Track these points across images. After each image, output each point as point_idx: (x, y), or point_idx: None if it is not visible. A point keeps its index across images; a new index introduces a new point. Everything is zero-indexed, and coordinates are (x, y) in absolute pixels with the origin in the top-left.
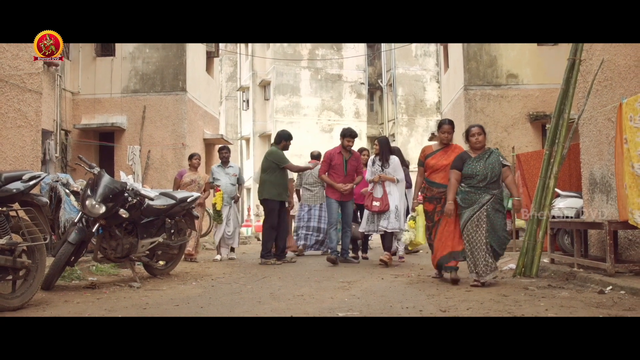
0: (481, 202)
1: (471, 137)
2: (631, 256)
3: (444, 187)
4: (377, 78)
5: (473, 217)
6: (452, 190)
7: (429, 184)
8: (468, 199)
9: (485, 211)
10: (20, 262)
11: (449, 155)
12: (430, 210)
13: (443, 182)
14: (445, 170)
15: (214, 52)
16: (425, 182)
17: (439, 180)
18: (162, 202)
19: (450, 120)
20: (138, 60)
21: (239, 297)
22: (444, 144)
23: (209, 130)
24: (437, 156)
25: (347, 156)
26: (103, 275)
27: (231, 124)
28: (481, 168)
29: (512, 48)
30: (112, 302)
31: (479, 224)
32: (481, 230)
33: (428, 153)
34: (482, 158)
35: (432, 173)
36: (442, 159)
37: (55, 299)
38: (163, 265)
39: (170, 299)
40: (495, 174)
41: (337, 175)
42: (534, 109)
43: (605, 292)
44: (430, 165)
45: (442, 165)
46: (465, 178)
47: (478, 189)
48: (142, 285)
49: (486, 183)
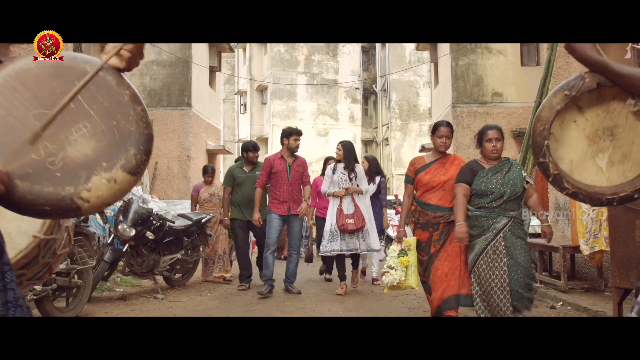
0: (496, 229)
1: (487, 143)
2: (585, 274)
3: (443, 210)
4: (371, 83)
5: (487, 250)
6: (461, 208)
7: (422, 207)
8: (478, 225)
9: (502, 240)
10: (74, 282)
11: (447, 168)
12: (424, 240)
13: (441, 203)
14: (444, 189)
15: (216, 66)
16: (417, 204)
17: (436, 201)
18: (181, 223)
19: (448, 122)
20: (146, 77)
21: (250, 310)
22: (441, 153)
23: (212, 142)
24: (432, 170)
25: (290, 161)
26: (128, 286)
27: (228, 126)
28: (498, 184)
29: (497, 68)
30: (145, 313)
31: (497, 259)
32: (500, 267)
33: (419, 166)
34: (499, 170)
35: (425, 192)
36: (438, 174)
37: (96, 310)
38: (180, 277)
39: (193, 310)
40: (515, 193)
41: (279, 184)
42: (517, 125)
43: (555, 308)
44: (423, 182)
45: (439, 182)
46: (475, 196)
47: (491, 210)
48: (164, 297)
49: (502, 202)
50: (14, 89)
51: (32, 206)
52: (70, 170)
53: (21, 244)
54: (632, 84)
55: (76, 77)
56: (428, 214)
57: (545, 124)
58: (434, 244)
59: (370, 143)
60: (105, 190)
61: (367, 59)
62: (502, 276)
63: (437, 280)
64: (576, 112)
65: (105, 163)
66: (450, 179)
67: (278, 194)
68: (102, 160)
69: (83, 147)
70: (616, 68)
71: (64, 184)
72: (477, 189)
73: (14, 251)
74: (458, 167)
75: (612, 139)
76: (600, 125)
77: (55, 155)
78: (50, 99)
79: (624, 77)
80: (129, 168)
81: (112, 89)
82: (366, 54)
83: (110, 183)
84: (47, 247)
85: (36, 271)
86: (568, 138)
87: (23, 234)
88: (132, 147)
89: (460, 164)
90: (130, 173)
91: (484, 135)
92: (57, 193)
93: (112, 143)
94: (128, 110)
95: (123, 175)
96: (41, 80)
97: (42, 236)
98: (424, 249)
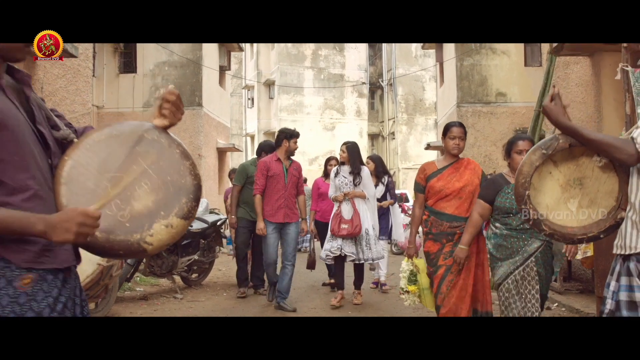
0: (527, 252)
1: (516, 155)
2: (580, 276)
3: (460, 220)
4: (378, 77)
5: (515, 275)
6: (470, 229)
7: (435, 216)
8: (507, 245)
9: (534, 265)
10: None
11: (461, 173)
12: (433, 252)
13: (458, 213)
14: (460, 197)
15: (226, 66)
16: (429, 213)
17: (452, 210)
18: (198, 225)
19: (461, 123)
20: (158, 77)
21: (265, 309)
22: (453, 157)
23: (222, 140)
24: (444, 176)
25: (287, 164)
26: (147, 285)
27: (236, 120)
28: None
29: (501, 68)
30: (167, 314)
31: (527, 287)
32: (531, 295)
33: (430, 172)
34: None
35: (439, 200)
36: (452, 180)
37: (121, 310)
38: (197, 277)
39: (211, 310)
40: None
41: (275, 189)
42: (520, 124)
43: (551, 309)
44: (436, 190)
45: (454, 189)
46: (501, 214)
47: (521, 232)
48: (183, 297)
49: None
50: (90, 159)
51: (110, 251)
52: (136, 221)
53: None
54: (597, 148)
55: (134, 142)
56: (443, 224)
57: (526, 177)
58: (444, 256)
59: (377, 137)
60: (165, 234)
61: (374, 53)
62: (534, 305)
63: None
64: (552, 166)
65: (163, 212)
66: (466, 185)
67: (273, 199)
68: (161, 209)
69: (145, 201)
70: (585, 133)
71: (132, 232)
72: (502, 207)
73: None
74: (473, 172)
75: (581, 188)
76: (571, 177)
77: (124, 209)
78: (118, 164)
79: (591, 142)
80: (182, 214)
81: (165, 148)
82: (372, 48)
83: (168, 228)
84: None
85: (97, 291)
86: (545, 187)
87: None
88: (184, 197)
89: (476, 168)
90: (183, 218)
91: (513, 146)
92: (127, 240)
93: (168, 195)
94: (179, 166)
95: (178, 221)
96: (110, 149)
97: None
98: (432, 261)
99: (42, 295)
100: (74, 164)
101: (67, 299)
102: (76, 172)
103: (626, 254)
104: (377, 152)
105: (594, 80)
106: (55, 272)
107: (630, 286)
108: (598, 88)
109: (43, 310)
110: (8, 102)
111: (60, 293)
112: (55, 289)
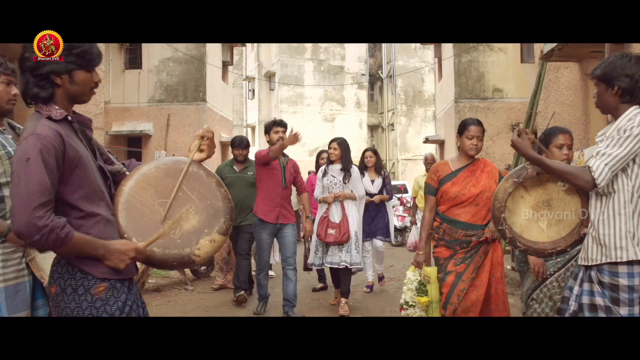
0: (570, 254)
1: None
2: None
3: (477, 229)
4: (377, 69)
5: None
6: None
7: (449, 224)
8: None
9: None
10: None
11: (478, 177)
12: (443, 257)
13: (474, 220)
14: (477, 203)
15: (229, 61)
16: (441, 220)
17: (468, 218)
18: None
19: (479, 120)
20: (163, 73)
21: (271, 300)
22: (469, 158)
23: (225, 133)
24: (460, 180)
25: (283, 161)
26: (158, 277)
27: (237, 111)
28: None
29: (498, 65)
30: (180, 305)
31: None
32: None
33: (444, 175)
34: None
35: (453, 207)
36: (468, 185)
37: None
38: (204, 269)
39: (221, 301)
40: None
41: (273, 185)
42: (516, 119)
43: None
44: (450, 196)
45: (470, 195)
46: None
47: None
48: (194, 288)
49: None
50: (143, 188)
51: (166, 264)
52: (186, 237)
53: None
54: (559, 175)
55: (178, 173)
56: (457, 232)
57: (501, 202)
58: (455, 261)
59: (376, 128)
60: (209, 247)
61: (374, 45)
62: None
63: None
64: (523, 191)
65: (207, 230)
66: (483, 191)
67: (270, 196)
68: (205, 228)
69: (191, 221)
70: (549, 164)
71: (183, 247)
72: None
73: None
74: (490, 176)
75: (549, 208)
76: (540, 199)
77: (175, 228)
78: (167, 191)
79: (554, 170)
80: (222, 231)
81: (203, 178)
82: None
83: (212, 243)
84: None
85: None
86: (518, 209)
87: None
88: (222, 217)
89: (493, 171)
90: (222, 234)
91: (553, 139)
92: (179, 253)
93: (209, 216)
94: (216, 193)
95: (218, 236)
96: (159, 179)
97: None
98: (441, 267)
99: (113, 300)
100: (130, 192)
101: (133, 302)
102: (133, 199)
103: (588, 264)
104: (376, 143)
105: (582, 84)
106: (123, 281)
107: (591, 291)
108: (586, 92)
109: (114, 312)
110: (80, 143)
111: (127, 298)
112: (123, 294)
